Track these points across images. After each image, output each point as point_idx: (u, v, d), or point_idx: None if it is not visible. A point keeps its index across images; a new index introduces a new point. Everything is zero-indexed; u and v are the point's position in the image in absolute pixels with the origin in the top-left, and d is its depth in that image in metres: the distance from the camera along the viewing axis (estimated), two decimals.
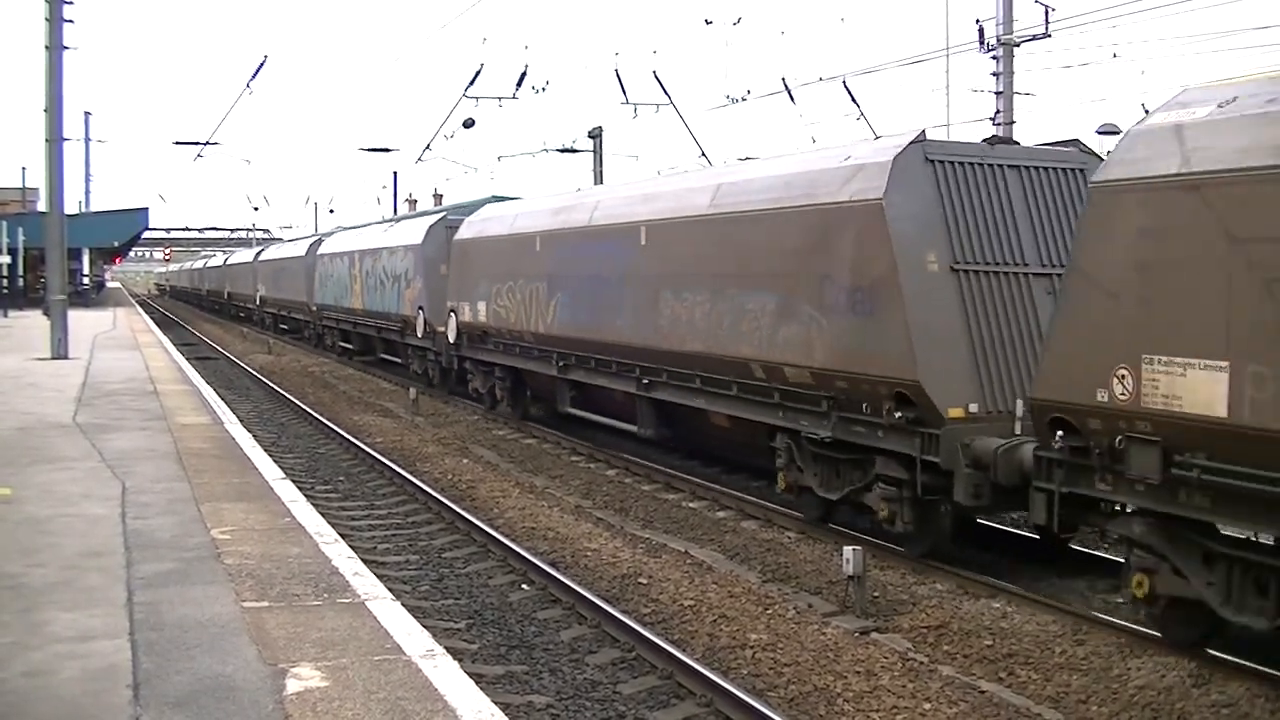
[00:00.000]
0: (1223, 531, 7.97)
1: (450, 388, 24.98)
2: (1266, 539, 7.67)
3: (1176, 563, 8.07)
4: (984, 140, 11.87)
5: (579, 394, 18.14)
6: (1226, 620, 7.84)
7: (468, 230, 22.59)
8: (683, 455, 16.14)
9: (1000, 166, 11.19)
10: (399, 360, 29.11)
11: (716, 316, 13.29)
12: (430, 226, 25.98)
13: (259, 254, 55.24)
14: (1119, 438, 8.12)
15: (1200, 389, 7.52)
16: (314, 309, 38.62)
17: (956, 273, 10.59)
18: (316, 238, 43.75)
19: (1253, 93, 7.64)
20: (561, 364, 17.95)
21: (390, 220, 38.30)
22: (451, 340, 23.09)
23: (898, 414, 10.48)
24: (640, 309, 15.13)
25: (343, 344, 35.35)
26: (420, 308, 25.56)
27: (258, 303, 52.01)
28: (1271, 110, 7.36)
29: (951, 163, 11.01)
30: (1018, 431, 9.91)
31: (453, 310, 22.78)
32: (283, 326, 46.92)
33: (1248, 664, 7.89)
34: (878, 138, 13.18)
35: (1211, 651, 8.15)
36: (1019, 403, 10.07)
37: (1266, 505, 7.23)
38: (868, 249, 10.84)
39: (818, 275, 11.53)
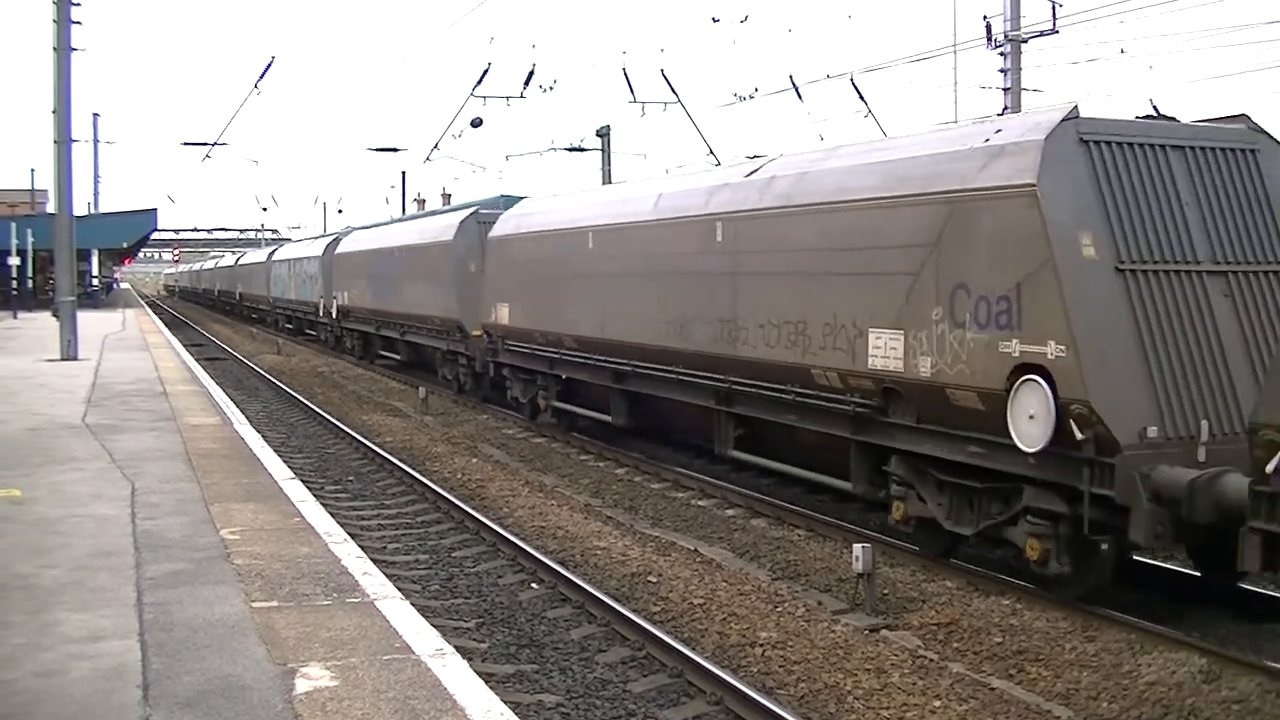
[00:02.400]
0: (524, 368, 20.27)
1: (341, 348, 37.00)
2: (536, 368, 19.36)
3: (517, 384, 20.61)
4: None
5: (385, 343, 31.93)
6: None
7: (339, 248, 37.52)
8: (685, 452, 16.40)
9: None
10: (314, 333, 42.92)
11: (417, 295, 26.63)
12: (326, 245, 39.77)
13: (238, 260, 70.87)
14: (498, 338, 20.48)
15: (505, 314, 19.78)
16: (271, 301, 52.21)
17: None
18: (272, 249, 58.90)
19: (522, 206, 21.40)
20: (376, 325, 31.60)
21: (311, 238, 54.99)
22: (334, 316, 36.71)
23: (459, 334, 23.45)
24: (397, 293, 28.67)
25: (287, 325, 48.99)
26: (321, 297, 38.93)
27: (237, 298, 65.81)
28: (515, 214, 20.86)
29: (489, 221, 22.24)
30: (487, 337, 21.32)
31: (335, 297, 36.62)
32: (254, 315, 59.76)
33: (1258, 661, 7.87)
34: (468, 209, 25.91)
35: (1221, 651, 8.13)
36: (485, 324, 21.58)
37: (525, 356, 19.45)
38: (446, 265, 24.19)
39: (439, 274, 24.64)
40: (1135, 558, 10.28)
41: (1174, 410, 8.70)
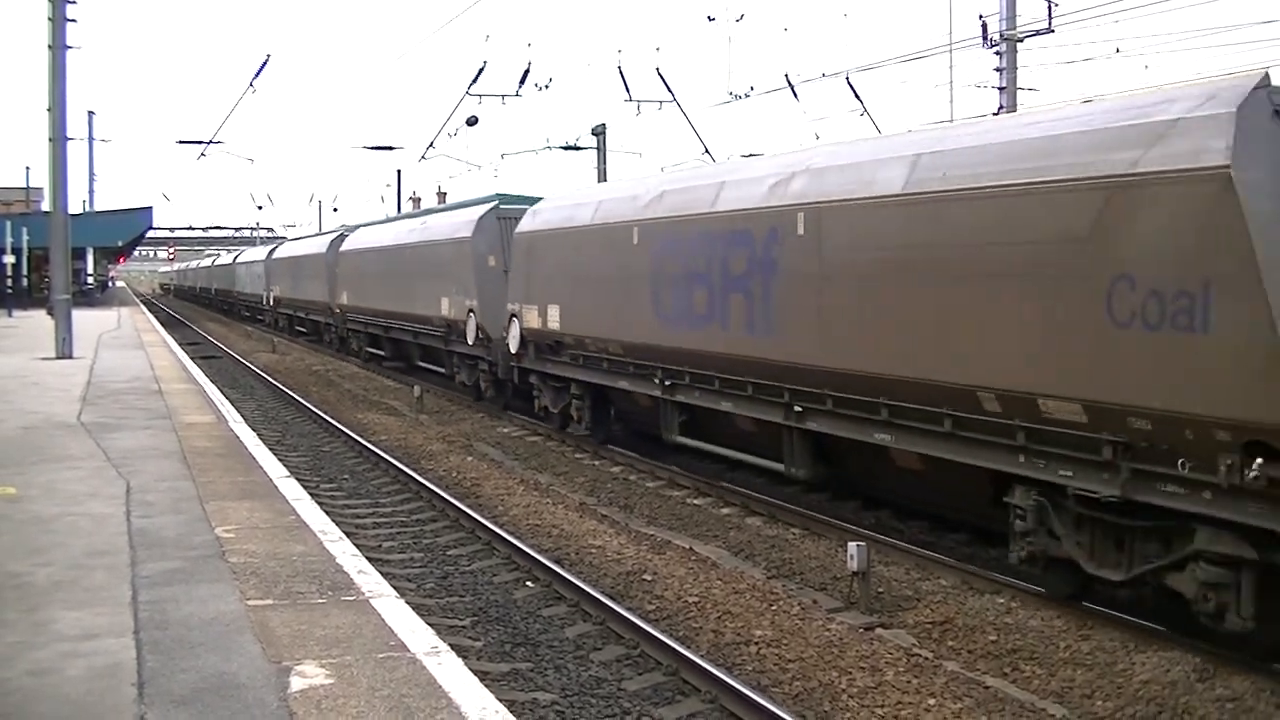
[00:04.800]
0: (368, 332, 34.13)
1: (276, 327, 49.09)
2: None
3: (353, 339, 34.86)
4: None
5: (299, 321, 43.69)
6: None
7: (276, 254, 50.27)
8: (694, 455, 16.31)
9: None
10: (262, 318, 54.86)
11: (311, 288, 39.43)
12: (269, 250, 53.34)
13: (213, 261, 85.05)
14: (345, 312, 34.73)
15: (345, 297, 34.50)
16: (236, 295, 65.71)
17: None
18: (237, 253, 73.52)
19: (363, 235, 36.49)
20: (294, 309, 43.79)
21: (268, 243, 68.92)
22: (272, 305, 49.85)
23: (330, 312, 37.67)
24: (303, 286, 39.96)
25: (244, 313, 61.69)
26: (264, 290, 51.52)
27: (214, 293, 79.50)
28: (351, 237, 36.64)
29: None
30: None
31: (271, 289, 49.53)
32: (224, 305, 72.39)
33: (1253, 660, 7.88)
34: (335, 231, 42.63)
35: (1216, 649, 8.15)
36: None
37: (355, 322, 34.02)
38: (321, 268, 38.07)
39: (319, 273, 38.23)
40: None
41: None
